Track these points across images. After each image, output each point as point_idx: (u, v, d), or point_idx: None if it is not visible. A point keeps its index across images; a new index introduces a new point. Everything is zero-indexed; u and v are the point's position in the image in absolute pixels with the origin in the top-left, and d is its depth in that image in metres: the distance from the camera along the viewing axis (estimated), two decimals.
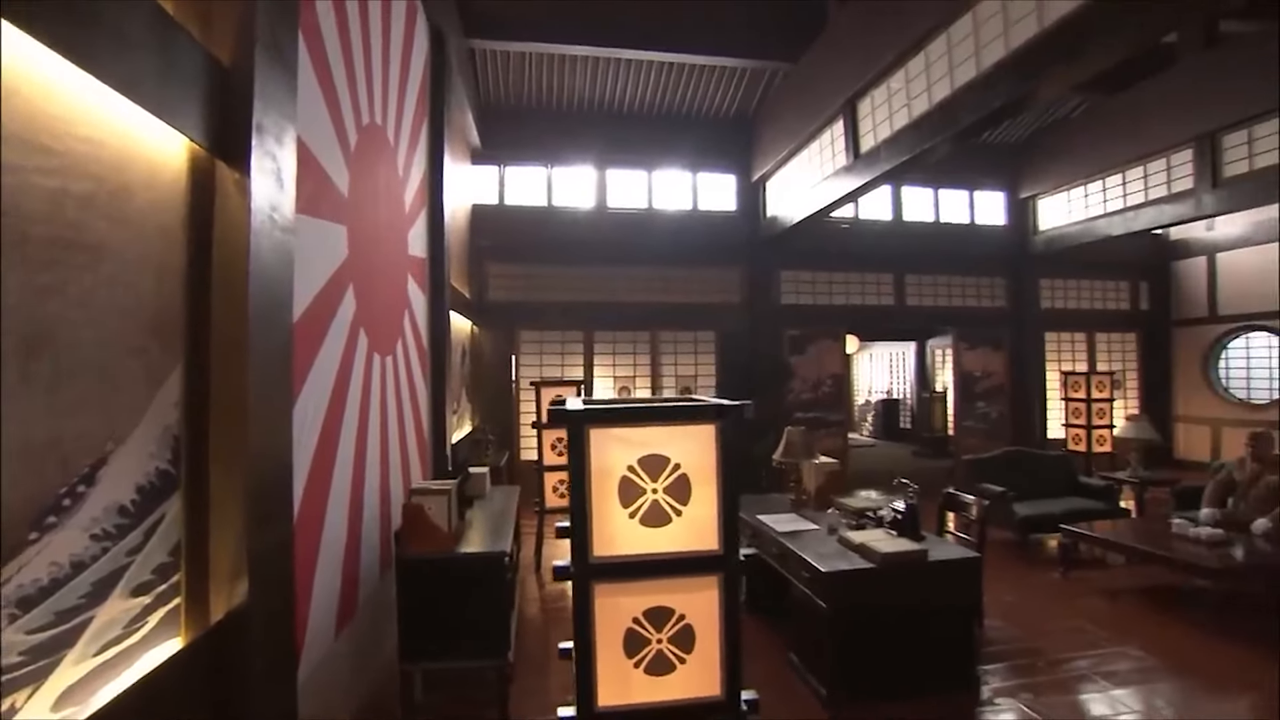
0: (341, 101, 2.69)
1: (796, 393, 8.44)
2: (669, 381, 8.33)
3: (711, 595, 1.42)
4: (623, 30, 6.73)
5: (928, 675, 3.09)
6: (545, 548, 5.34)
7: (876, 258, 8.85)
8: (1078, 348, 9.74)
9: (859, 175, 5.71)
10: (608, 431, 1.39)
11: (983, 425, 9.07)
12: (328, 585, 2.43)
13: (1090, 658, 3.54)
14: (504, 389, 7.86)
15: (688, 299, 8.37)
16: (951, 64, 4.59)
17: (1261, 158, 6.25)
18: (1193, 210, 6.90)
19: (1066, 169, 8.40)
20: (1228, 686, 3.31)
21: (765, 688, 3.27)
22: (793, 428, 4.19)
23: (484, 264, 7.90)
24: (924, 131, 4.82)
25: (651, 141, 8.32)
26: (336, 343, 2.61)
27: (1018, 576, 4.87)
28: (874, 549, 3.00)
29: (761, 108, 8.07)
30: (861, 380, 15.42)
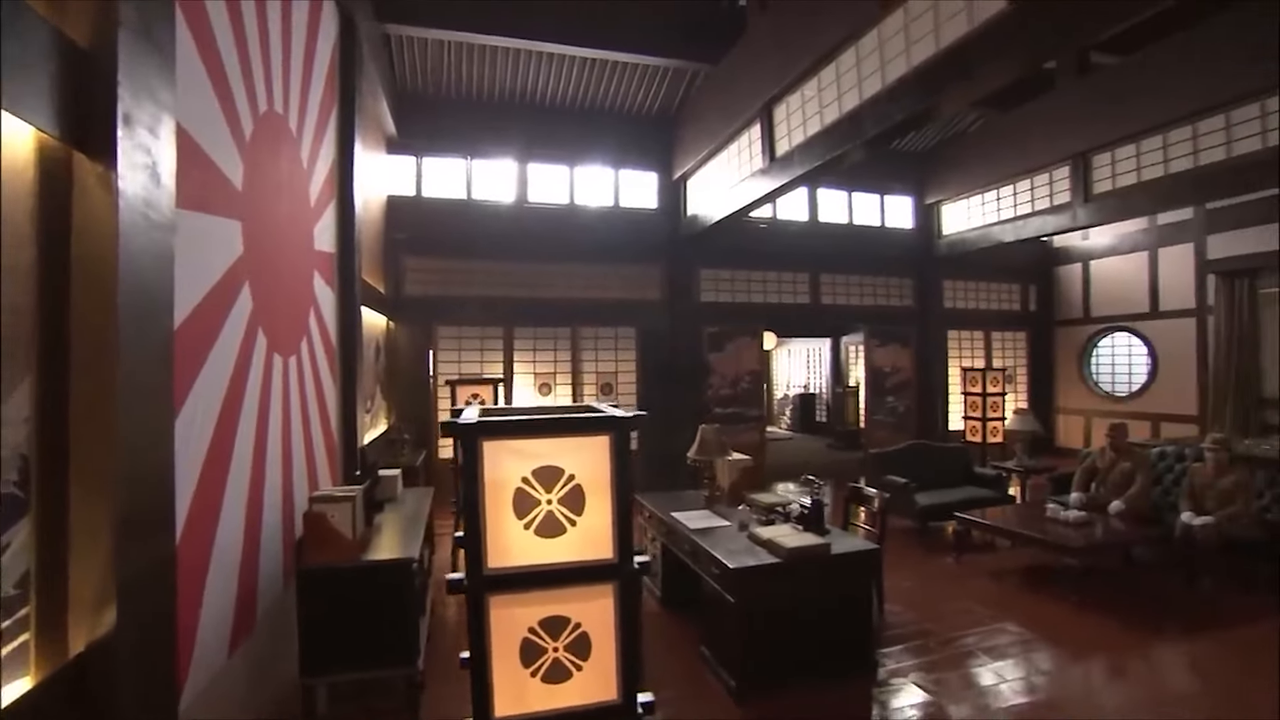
0: (234, 88, 2.53)
1: (716, 389, 8.63)
2: (590, 379, 8.34)
3: (607, 603, 1.45)
4: (545, 23, 6.65)
5: (831, 662, 3.25)
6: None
7: (793, 257, 9.16)
8: (976, 345, 10.45)
9: (775, 178, 5.89)
10: (501, 444, 1.39)
11: (891, 419, 9.59)
12: (220, 601, 2.31)
13: (976, 634, 3.83)
14: (421, 386, 7.65)
15: (609, 295, 8.40)
16: (860, 76, 4.80)
17: (1122, 177, 6.90)
18: (1070, 221, 7.54)
19: (966, 178, 8.96)
20: (1087, 650, 3.67)
21: (678, 682, 3.37)
22: (707, 426, 4.30)
23: (400, 257, 7.64)
24: (834, 139, 5.03)
25: (574, 137, 8.27)
26: (230, 345, 2.47)
27: (917, 562, 5.19)
28: (780, 544, 3.12)
29: (683, 107, 8.17)
30: (780, 375, 15.95)
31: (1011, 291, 10.70)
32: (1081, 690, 3.32)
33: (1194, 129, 6.22)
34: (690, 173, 8.11)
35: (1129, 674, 3.54)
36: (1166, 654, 3.72)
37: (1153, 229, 9.17)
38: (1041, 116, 7.69)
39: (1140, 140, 6.72)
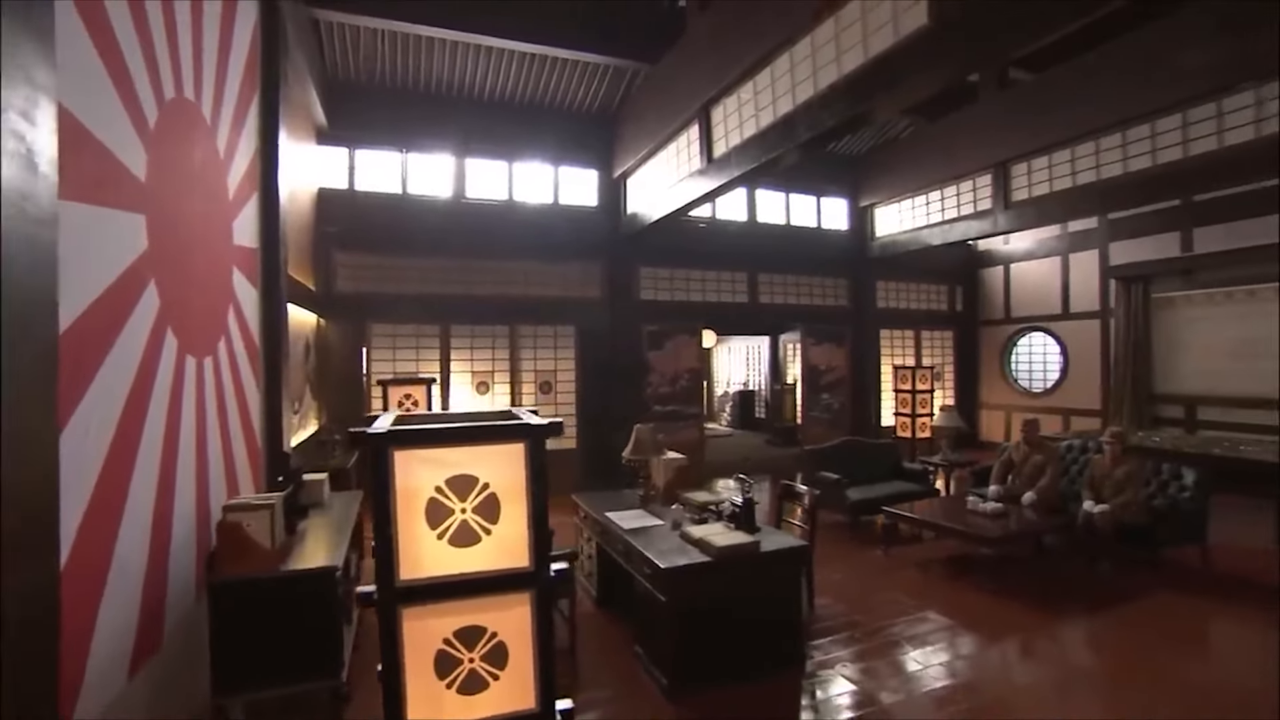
0: (133, 73, 2.38)
1: (655, 387, 8.69)
2: (529, 377, 8.26)
3: (524, 611, 1.44)
4: (481, 17, 6.53)
5: (762, 657, 3.33)
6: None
7: (732, 257, 9.31)
8: (907, 344, 10.87)
9: (712, 178, 5.96)
10: (413, 453, 1.36)
11: (827, 415, 9.87)
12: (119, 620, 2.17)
13: (900, 624, 4.00)
14: (354, 385, 7.39)
15: (548, 293, 8.33)
16: (794, 81, 4.91)
17: (1037, 187, 7.32)
18: (991, 227, 7.93)
19: (898, 183, 9.29)
20: (1001, 633, 3.90)
21: (613, 682, 3.38)
22: (642, 425, 4.32)
23: (331, 253, 7.36)
24: (769, 142, 5.13)
25: (513, 132, 8.15)
26: (132, 347, 2.32)
27: (848, 555, 5.37)
28: (711, 543, 3.17)
29: (623, 106, 8.17)
30: (720, 373, 16.19)
31: (940, 292, 11.18)
32: (996, 670, 3.52)
33: (1097, 145, 6.64)
34: (630, 171, 8.12)
35: (1037, 652, 3.77)
36: (1068, 632, 3.98)
37: (1065, 236, 9.75)
38: (966, 126, 8.05)
39: (1052, 153, 7.13)
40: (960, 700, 3.16)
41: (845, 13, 4.36)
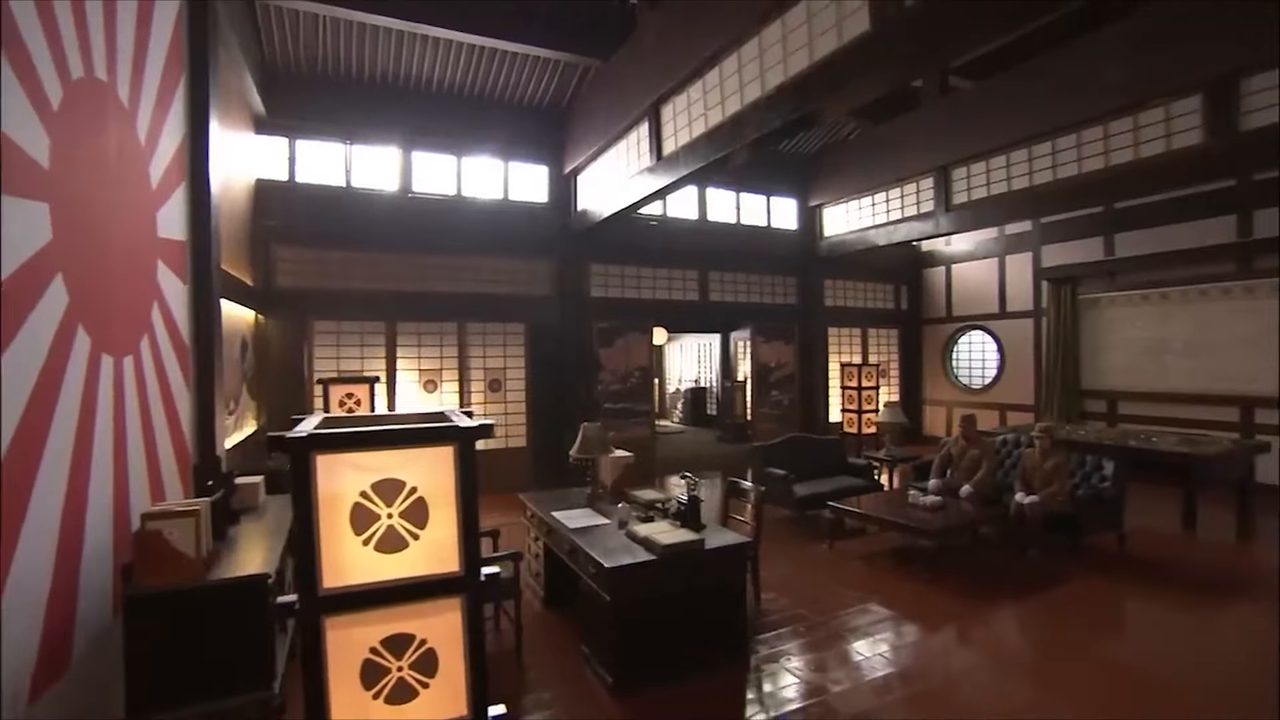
0: (33, 51, 2.22)
1: (606, 384, 8.67)
2: (478, 375, 8.12)
3: (454, 617, 1.41)
4: (428, 5, 6.36)
5: (707, 653, 3.35)
6: None
7: (683, 254, 9.35)
8: (854, 341, 11.14)
9: (662, 176, 5.97)
10: (337, 458, 1.30)
11: (776, 412, 10.04)
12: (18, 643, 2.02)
13: (842, 617, 4.09)
14: (296, 384, 7.12)
15: (498, 290, 8.22)
16: (742, 81, 4.95)
17: (975, 190, 7.60)
18: (934, 228, 8.19)
19: (845, 183, 9.50)
20: (939, 622, 4.03)
21: (560, 681, 3.36)
22: (589, 424, 4.30)
23: (271, 247, 7.07)
24: (718, 141, 5.16)
25: (462, 126, 7.99)
26: (34, 346, 2.17)
27: (794, 550, 5.46)
28: (656, 541, 3.18)
29: (575, 102, 8.10)
30: (672, 370, 16.29)
31: (885, 291, 11.49)
32: (934, 657, 3.63)
33: (1030, 152, 6.94)
34: (581, 168, 8.07)
35: (972, 638, 3.92)
36: (1000, 617, 4.15)
37: (1001, 238, 10.16)
38: (910, 130, 8.29)
39: (989, 159, 7.41)
40: (899, 688, 3.25)
41: (791, 15, 4.42)
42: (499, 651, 3.66)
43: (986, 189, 7.50)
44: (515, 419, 8.34)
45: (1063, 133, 6.58)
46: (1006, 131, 6.99)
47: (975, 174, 7.64)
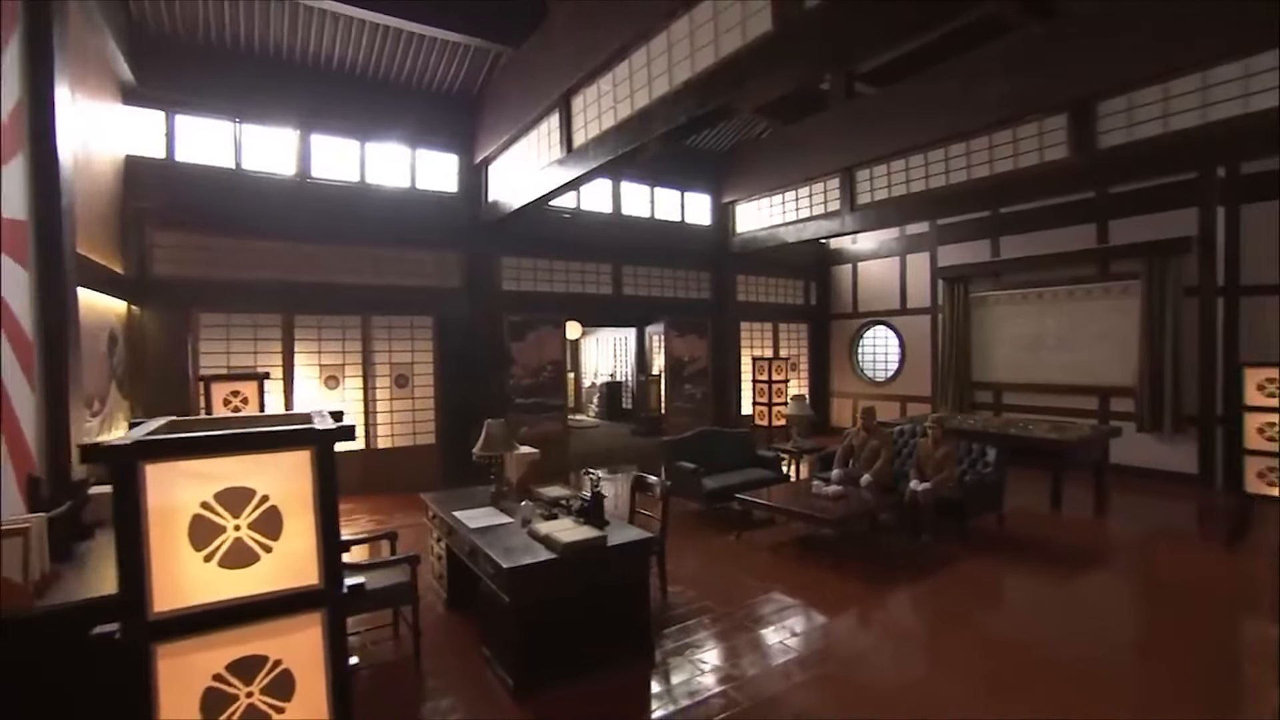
0: None
1: (518, 379, 8.52)
2: (383, 370, 7.77)
3: (313, 634, 1.30)
4: None
5: (611, 650, 3.33)
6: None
7: (597, 248, 9.30)
8: (765, 336, 11.46)
9: (572, 169, 5.89)
10: (171, 466, 1.17)
11: (690, 405, 10.18)
12: None
13: (747, 607, 4.17)
14: (178, 382, 6.54)
15: (404, 282, 7.88)
16: (650, 76, 4.94)
17: (878, 192, 7.97)
18: (840, 227, 8.52)
19: (757, 181, 9.71)
20: (838, 607, 4.19)
21: (460, 685, 3.25)
22: (492, 420, 4.19)
23: (145, 231, 6.47)
24: (626, 135, 5.14)
25: (366, 110, 7.59)
26: None
27: (702, 543, 5.54)
28: (557, 539, 3.13)
29: (486, 89, 7.87)
30: (588, 364, 16.24)
31: (796, 287, 11.88)
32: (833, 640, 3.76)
33: (926, 158, 7.33)
34: (492, 157, 7.85)
35: (870, 620, 4.10)
36: (894, 599, 4.37)
37: (903, 238, 10.71)
38: (818, 132, 8.57)
39: (890, 162, 7.78)
40: (800, 673, 3.35)
41: (698, 11, 4.45)
42: (398, 660, 3.51)
43: (888, 191, 7.86)
44: (423, 415, 8.06)
45: (954, 141, 6.99)
46: (906, 137, 7.35)
47: (878, 176, 7.99)
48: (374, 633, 3.75)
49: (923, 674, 3.43)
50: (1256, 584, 4.55)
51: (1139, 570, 4.99)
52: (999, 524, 5.72)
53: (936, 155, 7.24)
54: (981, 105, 6.40)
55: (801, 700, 3.11)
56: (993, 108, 6.34)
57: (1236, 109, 4.98)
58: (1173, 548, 5.40)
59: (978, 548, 5.25)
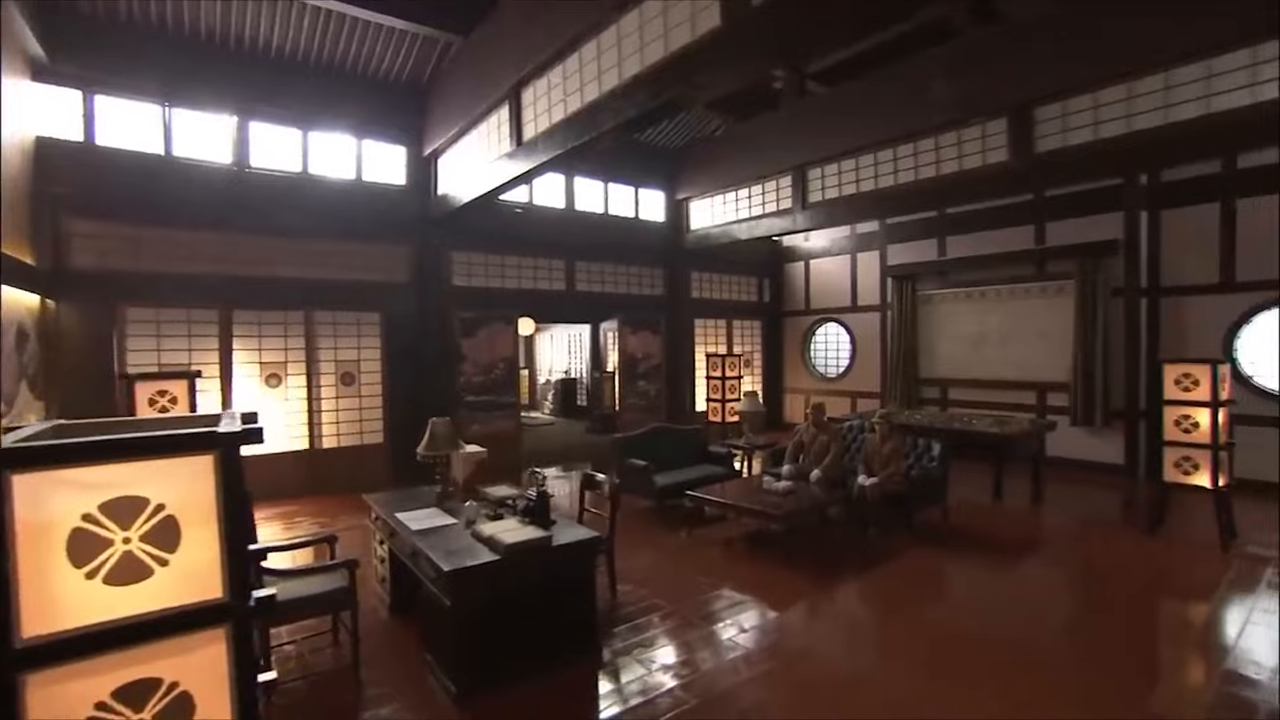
0: None
1: (469, 376, 8.35)
2: (328, 368, 7.51)
3: (215, 652, 1.21)
4: None
5: (556, 651, 3.27)
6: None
7: (550, 244, 9.18)
8: (719, 332, 11.52)
9: (521, 162, 5.78)
10: (46, 475, 1.07)
11: (644, 402, 10.17)
12: None
13: (696, 604, 4.16)
14: (101, 381, 6.17)
15: (350, 277, 7.63)
16: (600, 69, 4.87)
17: (828, 191, 8.08)
18: (791, 225, 8.62)
19: (711, 178, 9.75)
20: (787, 601, 4.22)
21: (402, 692, 3.15)
22: (437, 419, 4.07)
23: (61, 219, 6.07)
24: (575, 128, 5.06)
25: (309, 97, 7.29)
26: None
27: (653, 540, 5.52)
28: (500, 541, 3.05)
29: (435, 79, 7.66)
30: (543, 361, 16.07)
31: (749, 284, 11.98)
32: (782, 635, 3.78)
33: (875, 157, 7.47)
34: (442, 150, 7.66)
35: (818, 613, 4.15)
36: (842, 592, 4.44)
37: (853, 237, 10.91)
38: (771, 130, 8.64)
39: (840, 161, 7.89)
40: (747, 669, 3.35)
41: (648, 5, 4.40)
42: (337, 668, 3.38)
43: (838, 189, 7.98)
44: (371, 414, 7.82)
45: (902, 142, 7.13)
46: (856, 137, 7.47)
47: (829, 175, 8.10)
48: (312, 640, 3.61)
49: (869, 664, 3.49)
50: (1171, 568, 4.82)
51: (1069, 557, 5.19)
52: (943, 516, 5.87)
53: (885, 155, 7.38)
54: (928, 107, 6.55)
55: (750, 695, 3.11)
56: (938, 110, 6.50)
57: (1158, 119, 5.22)
58: (1100, 535, 5.64)
59: (923, 540, 5.38)
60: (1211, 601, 4.18)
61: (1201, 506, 5.34)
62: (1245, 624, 3.84)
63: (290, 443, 7.32)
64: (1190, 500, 5.45)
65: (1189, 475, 5.17)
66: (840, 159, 7.89)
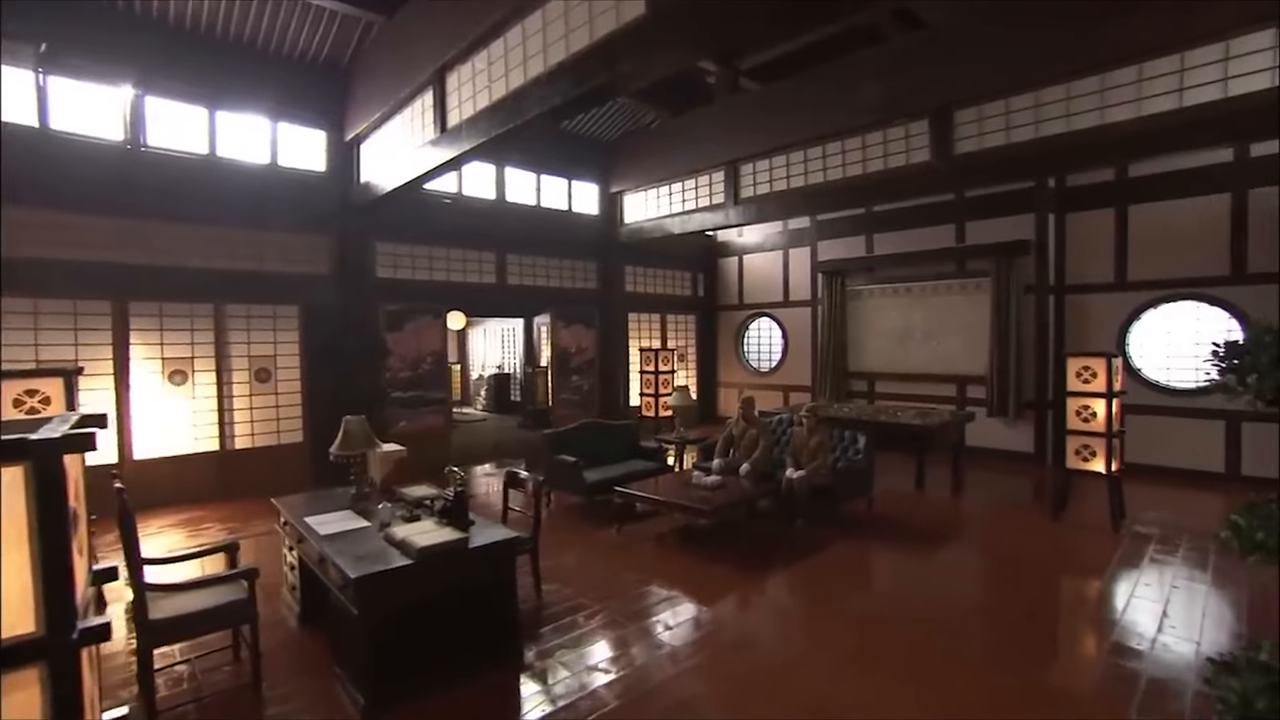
0: None
1: (395, 371, 8.03)
2: (241, 364, 7.07)
3: (26, 697, 1.05)
4: None
5: (475, 658, 3.16)
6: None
7: (480, 236, 8.93)
8: (654, 327, 11.53)
9: (445, 150, 5.57)
10: None
11: (577, 397, 10.06)
12: None
13: (623, 601, 4.11)
14: None
15: (265, 268, 7.19)
16: (526, 55, 4.73)
17: (760, 186, 8.16)
18: (724, 219, 8.67)
19: (645, 171, 9.69)
20: (715, 597, 4.22)
21: (310, 708, 2.96)
22: (351, 417, 3.86)
23: None
24: (499, 116, 4.90)
25: (217, 73, 6.80)
26: None
27: (582, 538, 5.44)
28: (412, 544, 2.91)
29: (356, 60, 7.30)
30: (476, 355, 15.70)
31: (684, 279, 12.03)
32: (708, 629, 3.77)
33: (805, 154, 7.58)
34: (364, 135, 7.31)
35: (747, 605, 4.18)
36: (771, 584, 4.48)
37: (786, 233, 11.10)
38: (704, 124, 8.65)
39: (771, 157, 7.97)
40: (671, 666, 3.32)
41: None
42: (237, 686, 3.15)
43: (769, 185, 8.07)
44: (289, 412, 7.43)
45: (831, 139, 7.26)
46: (787, 133, 7.57)
47: (760, 171, 8.18)
48: (210, 658, 3.36)
49: (794, 653, 3.52)
50: (1071, 548, 5.11)
51: (983, 542, 5.44)
52: (869, 506, 6.03)
53: (815, 152, 7.50)
54: (857, 107, 6.69)
55: (675, 692, 3.08)
56: (866, 110, 6.64)
57: (1061, 126, 5.50)
58: (1010, 520, 5.93)
59: (848, 530, 5.51)
60: (1103, 578, 4.45)
61: (1099, 490, 5.68)
62: (1130, 598, 4.11)
63: (199, 444, 6.86)
64: (1089, 485, 5.79)
65: (1087, 462, 5.49)
66: (772, 155, 7.98)
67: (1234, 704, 1.79)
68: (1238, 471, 6.93)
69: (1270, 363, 1.75)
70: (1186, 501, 6.33)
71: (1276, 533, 1.71)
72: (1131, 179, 7.52)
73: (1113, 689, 3.09)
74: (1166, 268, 7.30)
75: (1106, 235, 7.71)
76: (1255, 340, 1.80)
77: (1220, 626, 3.72)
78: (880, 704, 3.00)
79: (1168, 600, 4.05)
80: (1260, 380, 1.76)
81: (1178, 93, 4.96)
